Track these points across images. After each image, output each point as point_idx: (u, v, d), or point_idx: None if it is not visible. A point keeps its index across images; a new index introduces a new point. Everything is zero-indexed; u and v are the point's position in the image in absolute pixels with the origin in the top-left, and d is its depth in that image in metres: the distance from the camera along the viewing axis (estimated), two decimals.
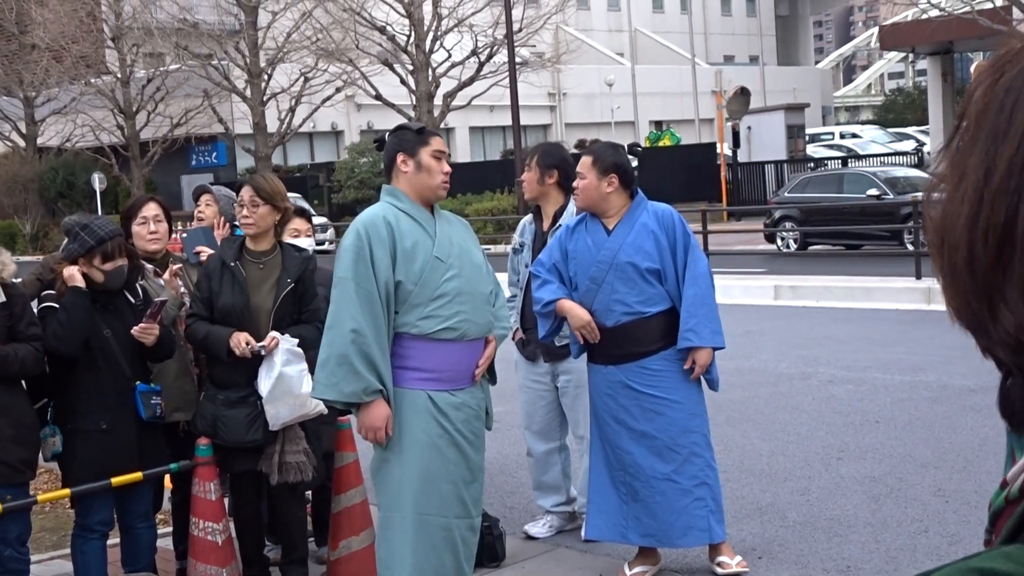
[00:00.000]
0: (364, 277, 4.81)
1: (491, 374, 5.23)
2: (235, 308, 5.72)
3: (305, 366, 5.60)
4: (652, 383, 5.89)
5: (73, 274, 5.49)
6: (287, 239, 6.13)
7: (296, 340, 5.66)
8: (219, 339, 5.64)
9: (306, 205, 7.51)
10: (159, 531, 6.18)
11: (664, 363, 5.90)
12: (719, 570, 6.08)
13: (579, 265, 5.99)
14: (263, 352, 5.63)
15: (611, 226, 5.99)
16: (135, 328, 5.54)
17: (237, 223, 6.33)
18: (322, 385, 4.87)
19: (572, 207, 6.94)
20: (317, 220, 33.48)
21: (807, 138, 41.93)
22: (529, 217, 7.03)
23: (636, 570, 6.11)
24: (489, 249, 6.93)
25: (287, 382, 5.58)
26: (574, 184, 6.11)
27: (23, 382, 5.53)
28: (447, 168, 5.10)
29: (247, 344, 5.60)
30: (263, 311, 5.77)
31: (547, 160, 6.73)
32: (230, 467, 5.88)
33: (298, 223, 6.65)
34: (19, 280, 5.80)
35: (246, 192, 5.85)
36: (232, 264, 5.78)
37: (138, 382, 5.63)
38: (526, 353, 6.88)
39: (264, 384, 5.63)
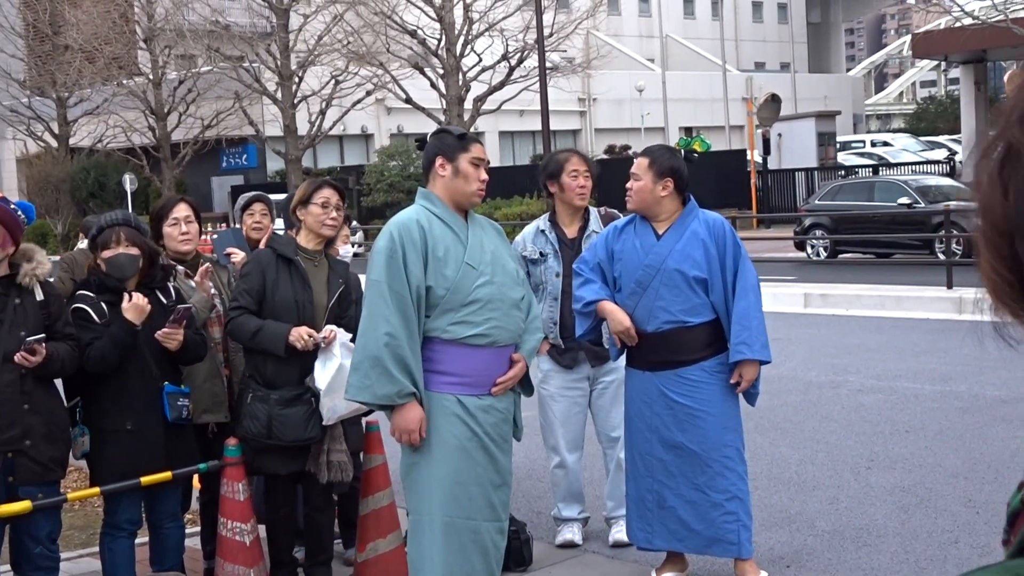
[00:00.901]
0: (396, 280, 4.81)
1: (527, 386, 5.21)
2: (299, 301, 5.76)
3: None
4: (688, 393, 5.84)
5: (129, 307, 5.48)
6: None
7: (349, 335, 5.69)
8: (275, 334, 5.66)
9: (357, 246, 7.54)
10: (187, 531, 6.19)
11: (702, 374, 5.85)
12: None
13: (625, 267, 5.94)
14: (323, 344, 5.66)
15: (661, 231, 5.93)
16: (158, 332, 5.54)
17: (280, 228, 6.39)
18: (355, 387, 4.88)
19: (594, 213, 6.91)
20: None
21: (838, 146, 41.79)
22: (545, 225, 6.86)
23: None
24: None
25: (346, 375, 5.58)
26: (627, 185, 6.05)
27: (56, 381, 5.55)
28: (484, 176, 5.09)
29: (309, 336, 5.63)
30: (320, 306, 5.83)
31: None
32: (276, 468, 5.85)
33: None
34: (53, 279, 5.84)
35: (333, 196, 5.93)
36: (294, 258, 5.83)
37: (166, 383, 5.64)
38: (564, 361, 6.79)
39: (322, 377, 5.66)
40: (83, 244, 8.25)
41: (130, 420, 5.55)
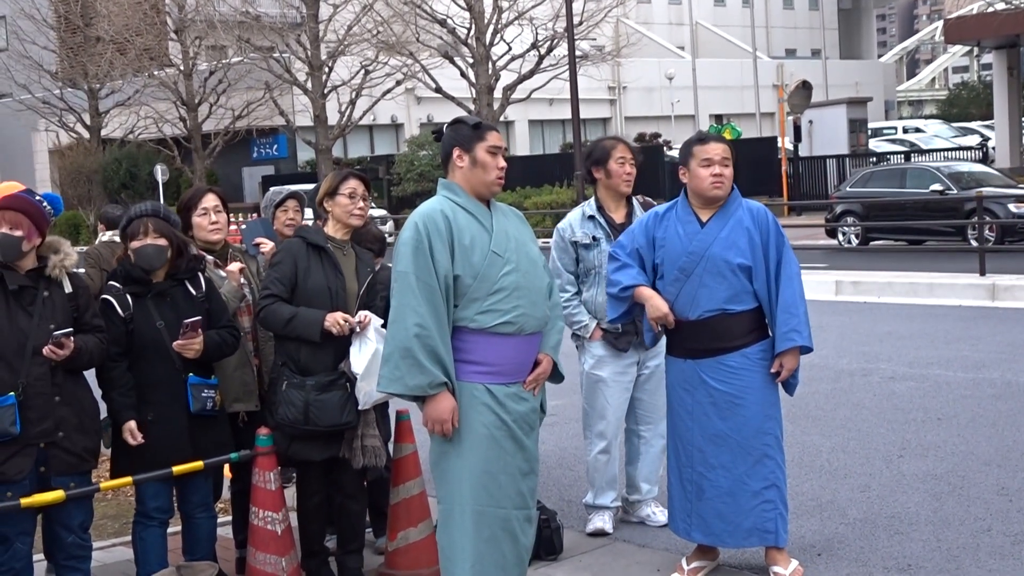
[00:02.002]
0: (424, 270, 4.81)
1: (555, 375, 5.21)
2: (331, 288, 5.80)
3: None
4: (728, 380, 5.81)
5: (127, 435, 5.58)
6: None
7: (381, 320, 5.71)
8: (311, 320, 5.69)
9: (387, 237, 7.46)
10: (219, 520, 6.22)
11: (744, 361, 5.82)
12: None
13: (668, 254, 5.90)
14: (358, 328, 5.70)
15: (705, 218, 5.90)
16: (175, 343, 5.56)
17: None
18: (387, 379, 4.88)
19: (635, 201, 6.91)
20: (376, 212, 33.66)
21: (869, 132, 41.56)
22: (593, 210, 6.87)
23: (694, 565, 6.07)
24: (548, 242, 6.98)
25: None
26: (716, 172, 5.87)
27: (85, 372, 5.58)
28: (502, 163, 5.07)
29: (345, 321, 5.67)
30: (352, 293, 5.88)
31: None
32: (311, 455, 5.86)
33: None
34: (82, 271, 5.86)
35: (360, 186, 5.99)
36: (325, 246, 5.88)
37: (191, 374, 5.65)
38: (620, 344, 6.77)
39: (358, 362, 5.68)
40: (104, 236, 8.28)
41: (152, 411, 5.58)
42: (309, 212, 6.99)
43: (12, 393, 5.18)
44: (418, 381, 4.78)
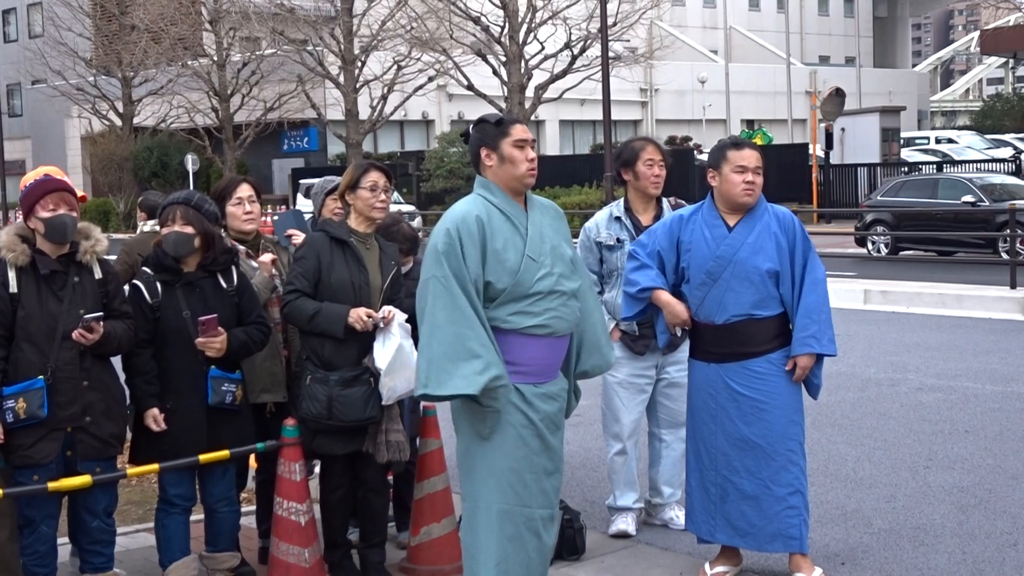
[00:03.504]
0: (458, 272, 4.78)
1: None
2: (355, 283, 5.78)
3: (412, 341, 5.63)
4: (754, 385, 5.80)
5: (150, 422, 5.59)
6: None
7: (405, 315, 5.70)
8: (335, 315, 5.68)
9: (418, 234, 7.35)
10: (243, 509, 6.21)
11: (769, 366, 5.80)
12: None
13: (694, 258, 5.88)
14: (382, 324, 5.68)
15: (732, 223, 5.87)
16: (196, 341, 5.53)
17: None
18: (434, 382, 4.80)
19: (666, 203, 6.88)
20: (405, 208, 33.67)
21: (902, 142, 41.36)
22: (620, 211, 6.87)
23: (717, 570, 6.04)
24: (576, 242, 7.00)
25: (405, 355, 5.62)
26: (750, 179, 5.85)
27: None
28: (531, 155, 5.01)
29: (368, 317, 5.66)
30: (376, 287, 5.86)
31: None
32: (334, 449, 5.85)
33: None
34: (113, 258, 5.87)
35: (381, 179, 5.94)
36: (348, 240, 5.85)
37: (213, 367, 5.63)
38: (637, 347, 6.76)
39: (382, 357, 5.67)
40: (145, 226, 8.30)
41: (170, 400, 5.59)
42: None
43: (41, 377, 5.22)
44: (466, 380, 4.71)
